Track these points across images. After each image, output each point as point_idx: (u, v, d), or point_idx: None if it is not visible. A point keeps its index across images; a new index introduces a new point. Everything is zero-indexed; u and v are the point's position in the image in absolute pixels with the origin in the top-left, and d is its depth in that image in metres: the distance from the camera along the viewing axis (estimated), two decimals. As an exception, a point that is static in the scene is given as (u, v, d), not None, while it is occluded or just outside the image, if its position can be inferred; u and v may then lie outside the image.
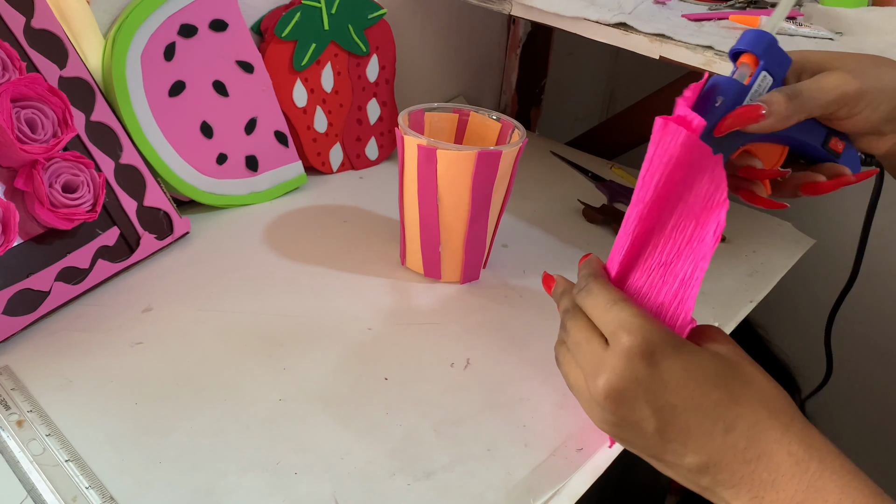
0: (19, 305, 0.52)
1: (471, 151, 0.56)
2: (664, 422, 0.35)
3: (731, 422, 0.35)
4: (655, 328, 0.36)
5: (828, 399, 1.12)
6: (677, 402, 0.35)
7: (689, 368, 0.35)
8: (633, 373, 0.35)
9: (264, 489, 0.42)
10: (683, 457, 0.36)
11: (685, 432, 0.35)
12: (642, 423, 0.36)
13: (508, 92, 1.07)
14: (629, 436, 0.37)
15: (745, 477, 0.34)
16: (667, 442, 0.36)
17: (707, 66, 0.58)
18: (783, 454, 0.34)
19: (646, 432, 0.36)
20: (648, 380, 0.35)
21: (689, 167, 0.36)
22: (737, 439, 0.34)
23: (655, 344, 0.35)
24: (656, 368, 0.35)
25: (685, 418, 0.35)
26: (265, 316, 0.57)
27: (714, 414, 0.35)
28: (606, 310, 0.37)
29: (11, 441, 0.43)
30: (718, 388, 0.35)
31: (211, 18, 0.66)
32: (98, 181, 0.57)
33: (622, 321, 0.36)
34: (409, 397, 0.50)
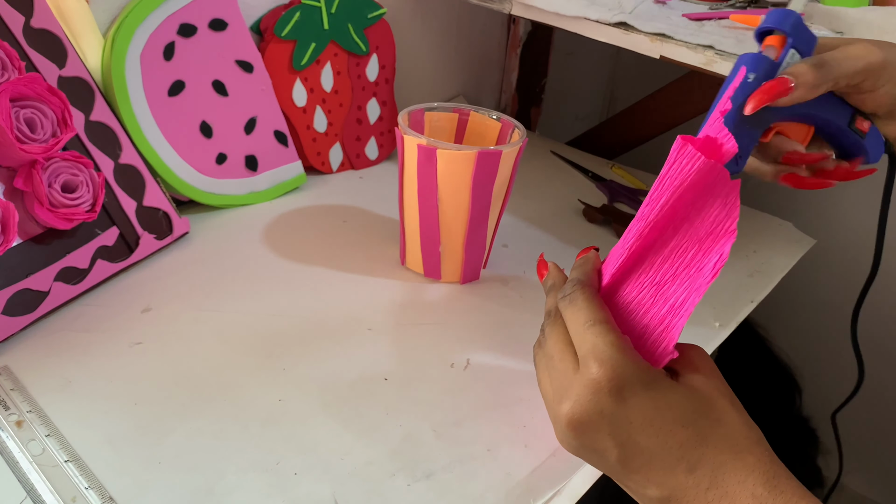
0: (18, 305, 0.52)
1: (471, 151, 0.56)
2: (627, 455, 0.35)
3: (695, 461, 0.34)
4: (628, 362, 0.35)
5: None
6: (641, 440, 0.35)
7: (657, 407, 0.35)
8: (598, 405, 0.35)
9: (264, 489, 0.42)
10: (645, 488, 0.35)
11: (647, 466, 0.35)
12: (605, 453, 0.36)
13: (508, 91, 1.07)
14: (591, 459, 0.37)
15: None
16: (629, 472, 0.35)
17: (707, 66, 0.58)
18: (746, 496, 0.33)
19: (608, 461, 0.36)
20: (614, 415, 0.35)
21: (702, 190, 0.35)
22: (700, 479, 0.34)
23: (625, 379, 0.35)
24: (623, 404, 0.34)
25: (649, 454, 0.35)
26: (265, 316, 0.57)
27: (678, 453, 0.34)
28: (584, 329, 0.37)
29: (11, 441, 0.43)
30: (685, 428, 0.35)
31: (210, 18, 0.66)
32: (97, 181, 0.56)
33: (595, 348, 0.35)
34: (409, 397, 0.50)
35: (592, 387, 0.35)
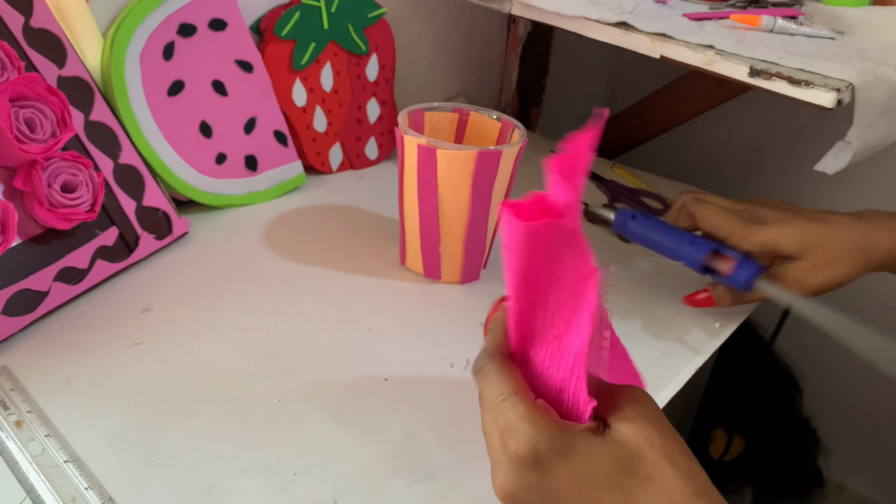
0: (18, 306, 0.52)
1: (471, 151, 0.56)
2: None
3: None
4: (539, 432, 0.34)
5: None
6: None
7: (578, 473, 0.33)
8: (524, 480, 0.34)
9: (264, 490, 0.42)
10: None
11: None
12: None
13: (508, 91, 1.07)
14: None
15: None
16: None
17: (708, 66, 0.58)
18: None
19: None
20: (540, 487, 0.34)
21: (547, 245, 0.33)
22: None
23: (541, 451, 0.33)
24: (546, 476, 0.34)
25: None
26: (265, 316, 0.57)
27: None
28: (496, 405, 0.36)
29: (10, 442, 0.43)
30: (613, 492, 0.33)
31: (210, 17, 0.66)
32: (97, 181, 0.56)
33: (508, 424, 0.35)
34: (409, 397, 0.50)
35: (514, 462, 0.34)
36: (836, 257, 0.52)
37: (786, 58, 0.57)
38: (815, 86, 0.53)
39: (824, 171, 0.57)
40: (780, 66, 0.56)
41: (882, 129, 0.57)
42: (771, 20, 0.63)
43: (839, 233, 0.52)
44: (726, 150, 1.15)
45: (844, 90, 0.53)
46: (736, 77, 0.57)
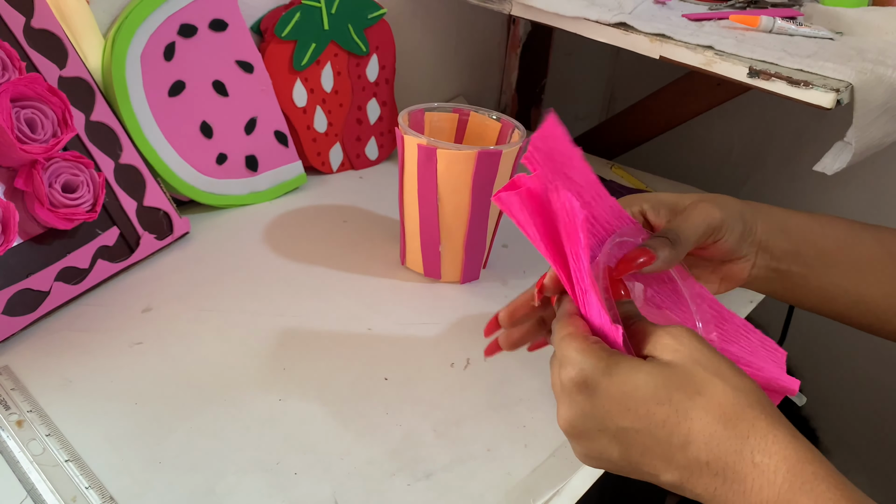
0: (19, 305, 0.52)
1: (471, 151, 0.56)
2: (624, 446, 0.35)
3: (684, 437, 0.33)
4: (586, 358, 0.35)
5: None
6: (626, 425, 0.34)
7: (624, 391, 0.34)
8: (577, 406, 0.35)
9: (264, 489, 0.42)
10: (659, 476, 0.35)
11: (648, 454, 0.34)
12: (607, 451, 0.35)
13: (508, 92, 1.07)
14: (605, 465, 0.37)
15: (719, 489, 0.33)
16: (637, 465, 0.35)
17: (707, 66, 0.58)
18: (748, 466, 0.32)
19: (614, 459, 0.36)
20: (592, 410, 0.35)
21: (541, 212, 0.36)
22: (697, 454, 0.33)
23: (587, 373, 0.35)
24: (594, 397, 0.35)
25: (640, 440, 0.34)
26: (265, 316, 0.57)
27: (665, 431, 0.33)
28: (558, 347, 0.37)
29: (11, 441, 0.43)
30: (662, 406, 0.34)
31: (211, 18, 0.66)
32: (98, 181, 0.56)
33: (563, 358, 0.36)
34: (409, 397, 0.50)
35: (567, 392, 0.35)
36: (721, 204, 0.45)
37: (785, 58, 0.57)
38: (815, 86, 0.54)
39: (823, 171, 0.57)
40: (779, 66, 0.56)
41: (881, 129, 0.57)
42: (770, 21, 0.63)
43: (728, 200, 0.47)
44: (726, 150, 1.15)
45: (843, 90, 0.53)
46: (735, 77, 0.57)
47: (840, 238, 0.46)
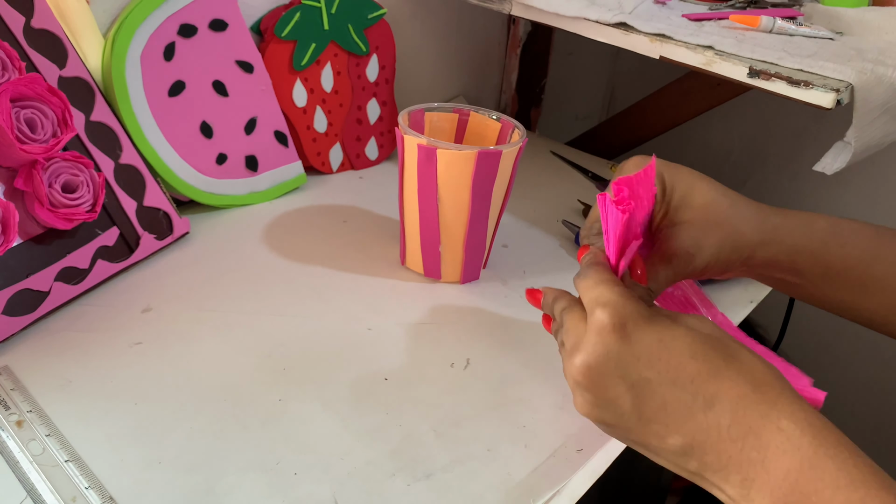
0: (19, 305, 0.52)
1: (471, 151, 0.56)
2: (640, 398, 0.34)
3: (710, 397, 0.33)
4: (629, 301, 0.35)
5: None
6: (651, 376, 0.34)
7: (662, 340, 0.34)
8: (604, 346, 0.34)
9: (264, 489, 0.42)
10: (665, 438, 0.34)
11: (663, 410, 0.34)
12: (618, 401, 0.35)
13: (508, 92, 1.07)
14: (609, 418, 0.36)
15: (733, 458, 0.32)
16: (646, 423, 0.34)
17: (707, 66, 0.58)
18: (772, 430, 0.32)
19: (622, 412, 0.35)
20: (619, 353, 0.34)
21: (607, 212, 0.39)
22: (719, 416, 0.33)
23: (627, 316, 0.34)
24: (628, 341, 0.34)
25: (661, 393, 0.34)
26: (265, 316, 0.57)
27: (692, 388, 0.33)
28: (592, 288, 0.37)
29: (11, 441, 0.43)
30: (696, 361, 0.33)
31: (211, 18, 0.66)
32: (98, 181, 0.56)
33: (600, 296, 0.36)
34: (409, 397, 0.50)
35: (597, 330, 0.35)
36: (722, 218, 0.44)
37: (785, 58, 0.57)
38: (814, 86, 0.53)
39: (823, 171, 0.57)
40: (779, 66, 0.56)
41: (881, 129, 0.57)
42: (770, 21, 0.63)
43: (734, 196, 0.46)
44: (725, 150, 1.15)
45: (843, 90, 0.53)
46: (735, 77, 0.57)
47: (856, 256, 0.44)
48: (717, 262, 0.43)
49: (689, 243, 0.43)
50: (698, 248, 0.43)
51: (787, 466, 0.31)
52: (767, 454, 0.31)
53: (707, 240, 0.43)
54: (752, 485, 0.32)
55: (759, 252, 0.44)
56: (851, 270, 0.44)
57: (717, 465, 0.33)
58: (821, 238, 0.44)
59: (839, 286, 0.45)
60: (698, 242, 0.43)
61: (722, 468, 0.33)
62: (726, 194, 0.44)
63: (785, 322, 0.79)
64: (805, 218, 0.45)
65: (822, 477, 0.30)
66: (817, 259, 0.44)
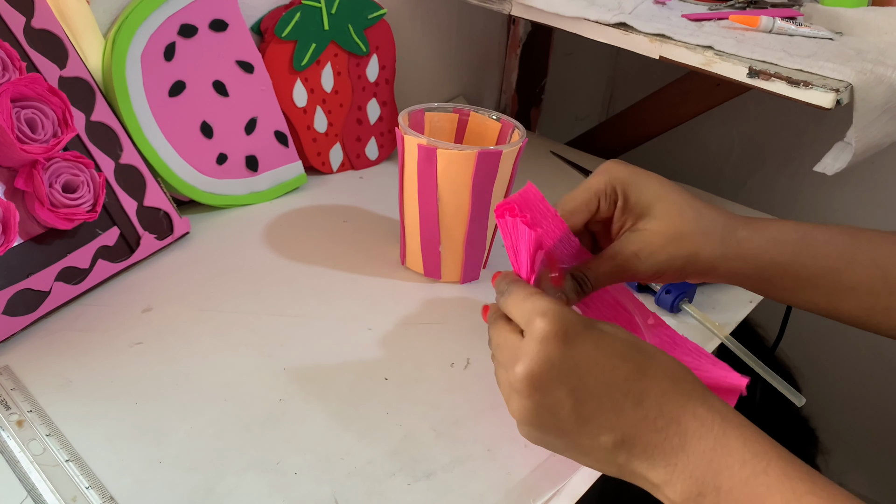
0: (19, 305, 0.52)
1: (471, 151, 0.56)
2: (579, 401, 0.36)
3: (639, 394, 0.36)
4: (566, 310, 0.37)
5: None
6: (590, 381, 0.36)
7: (598, 346, 0.37)
8: (547, 355, 0.36)
9: (264, 489, 0.42)
10: (598, 436, 0.37)
11: (599, 410, 0.36)
12: (557, 407, 0.37)
13: (508, 92, 1.07)
14: (546, 422, 0.37)
15: (658, 446, 0.36)
16: (582, 423, 0.37)
17: (707, 66, 0.58)
18: (689, 418, 0.35)
19: (561, 416, 0.37)
20: (562, 361, 0.36)
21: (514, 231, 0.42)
22: (647, 410, 0.36)
23: (569, 324, 0.37)
24: (570, 349, 0.36)
25: (598, 395, 0.36)
26: (265, 316, 0.57)
27: (624, 388, 0.36)
28: (522, 301, 0.39)
29: (11, 441, 0.43)
30: (626, 363, 0.37)
31: (211, 18, 0.66)
32: (98, 181, 0.57)
33: (536, 308, 0.37)
34: (409, 397, 0.50)
35: (540, 339, 0.36)
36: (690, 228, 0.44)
37: (784, 58, 0.57)
38: (814, 86, 0.54)
39: (824, 171, 0.57)
40: (778, 66, 0.56)
41: (881, 130, 0.57)
42: (770, 21, 0.63)
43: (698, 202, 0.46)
44: (725, 150, 1.15)
45: (843, 90, 0.53)
46: (735, 77, 0.57)
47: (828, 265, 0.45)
48: (668, 270, 0.45)
49: (637, 247, 0.44)
50: (648, 253, 0.44)
51: (703, 447, 0.35)
52: (687, 439, 0.35)
53: (662, 248, 0.44)
54: (675, 469, 0.35)
55: (723, 265, 0.45)
56: (823, 279, 0.45)
57: (644, 454, 0.36)
58: (791, 251, 0.45)
59: (811, 293, 0.46)
60: (650, 248, 0.44)
61: (649, 457, 0.36)
62: (692, 206, 0.45)
63: (784, 322, 0.80)
64: (775, 230, 0.45)
65: (730, 453, 0.34)
66: (786, 271, 0.45)
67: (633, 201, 0.45)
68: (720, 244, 0.44)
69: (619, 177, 0.45)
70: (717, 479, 0.34)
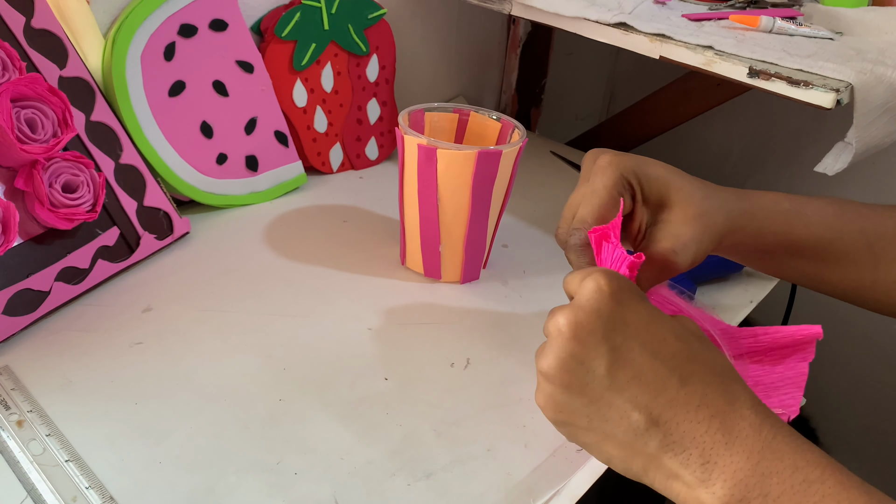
0: (19, 305, 0.52)
1: (471, 151, 0.56)
2: (617, 363, 0.34)
3: (686, 376, 0.34)
4: (626, 278, 0.37)
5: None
6: (634, 345, 0.34)
7: (653, 315, 0.36)
8: (597, 304, 0.35)
9: (264, 489, 0.42)
10: (630, 413, 0.34)
11: (637, 380, 0.34)
12: (594, 363, 0.34)
13: (508, 92, 1.07)
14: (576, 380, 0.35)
15: (697, 438, 0.33)
16: (616, 390, 0.34)
17: (707, 66, 0.58)
18: (737, 417, 0.33)
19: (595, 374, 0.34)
20: (610, 315, 0.35)
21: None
22: (691, 394, 0.34)
23: (624, 288, 0.36)
24: (621, 307, 0.35)
25: (640, 363, 0.34)
26: (265, 316, 0.57)
27: (671, 363, 0.34)
28: (588, 272, 0.37)
29: (11, 441, 0.43)
30: (679, 341, 0.35)
31: (211, 18, 0.66)
32: (98, 181, 0.57)
33: (601, 272, 0.36)
34: (409, 397, 0.50)
35: (593, 289, 0.35)
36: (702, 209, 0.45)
37: (785, 58, 0.57)
38: (814, 86, 0.54)
39: (824, 171, 0.57)
40: (779, 66, 0.56)
41: (882, 130, 0.57)
42: (770, 21, 0.63)
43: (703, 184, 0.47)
44: (725, 150, 1.15)
45: (843, 90, 0.53)
46: (735, 77, 0.57)
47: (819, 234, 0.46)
48: (700, 256, 0.45)
49: (671, 242, 0.44)
50: (682, 246, 0.43)
51: (751, 448, 0.33)
52: (732, 437, 0.33)
53: (689, 236, 0.44)
54: (715, 468, 0.33)
55: (728, 238, 0.45)
56: (814, 248, 0.46)
57: (679, 445, 0.33)
58: (784, 219, 0.46)
59: (802, 262, 0.47)
60: (681, 240, 0.44)
61: (684, 449, 0.33)
62: (697, 186, 0.45)
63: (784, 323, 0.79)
64: (770, 200, 0.47)
65: (781, 458, 0.32)
66: (780, 239, 0.46)
67: (647, 192, 0.45)
68: (727, 218, 0.45)
69: (628, 167, 0.44)
70: (764, 484, 0.32)
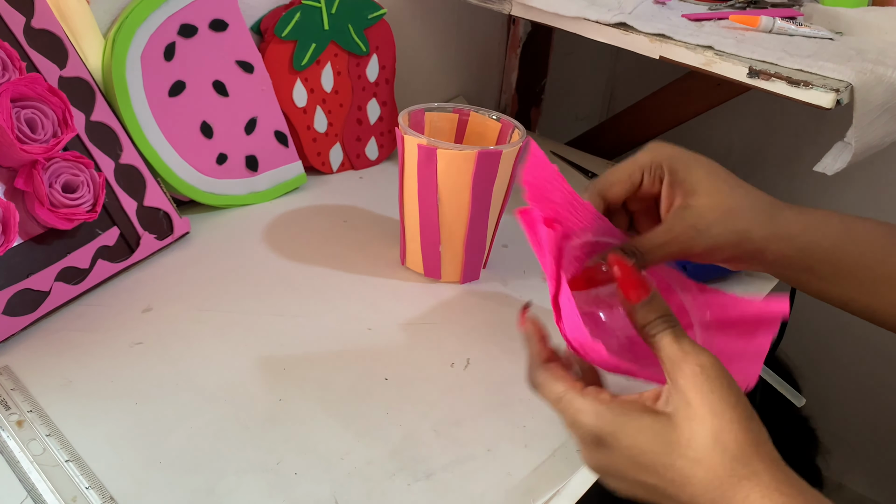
0: (19, 305, 0.52)
1: (471, 151, 0.56)
2: (647, 491, 0.36)
3: (691, 496, 0.34)
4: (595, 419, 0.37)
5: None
6: (643, 479, 0.36)
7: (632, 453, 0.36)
8: (597, 457, 0.37)
9: (264, 489, 0.42)
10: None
11: (679, 492, 0.35)
12: (633, 491, 0.37)
13: (508, 92, 1.07)
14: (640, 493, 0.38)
15: None
16: (664, 498, 0.36)
17: (707, 66, 0.58)
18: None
19: (641, 497, 0.37)
20: (611, 463, 0.37)
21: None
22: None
23: (600, 436, 0.37)
24: (611, 452, 0.37)
25: (660, 491, 0.36)
26: (265, 316, 0.57)
27: (673, 489, 0.35)
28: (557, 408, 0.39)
29: (11, 441, 0.43)
30: (667, 470, 0.35)
31: (211, 18, 0.66)
32: (98, 181, 0.57)
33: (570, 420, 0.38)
34: (409, 397, 0.50)
35: (586, 446, 0.38)
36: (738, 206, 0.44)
37: (784, 58, 0.57)
38: (814, 86, 0.54)
39: (824, 171, 0.57)
40: (778, 66, 0.56)
41: (881, 129, 0.57)
42: (770, 21, 0.63)
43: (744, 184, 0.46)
44: (726, 150, 1.15)
45: (843, 90, 0.53)
46: (735, 77, 0.57)
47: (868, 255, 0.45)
48: (724, 246, 0.44)
49: (693, 221, 0.43)
50: (706, 226, 0.43)
51: None
52: None
53: (717, 223, 0.43)
54: None
55: (772, 246, 0.44)
56: (862, 269, 0.45)
57: None
58: (835, 236, 0.45)
59: (850, 285, 0.46)
60: (705, 222, 0.43)
61: None
62: (740, 184, 0.45)
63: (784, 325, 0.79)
64: (819, 216, 0.45)
65: None
66: (829, 257, 0.45)
67: (682, 177, 0.45)
68: (770, 222, 0.44)
69: (665, 153, 0.45)
70: None
